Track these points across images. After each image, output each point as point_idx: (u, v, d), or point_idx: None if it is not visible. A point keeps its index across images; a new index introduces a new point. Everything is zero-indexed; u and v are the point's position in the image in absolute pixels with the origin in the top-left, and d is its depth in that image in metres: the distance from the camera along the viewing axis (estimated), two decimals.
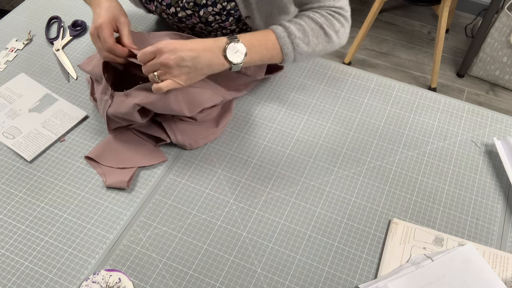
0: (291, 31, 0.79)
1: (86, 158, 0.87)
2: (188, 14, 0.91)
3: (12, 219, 0.80)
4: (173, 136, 0.86)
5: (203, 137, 0.89)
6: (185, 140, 0.87)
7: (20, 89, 0.99)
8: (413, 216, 0.82)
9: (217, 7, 0.89)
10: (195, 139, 0.88)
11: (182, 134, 0.87)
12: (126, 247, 0.77)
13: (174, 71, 0.73)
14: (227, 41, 0.76)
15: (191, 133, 0.88)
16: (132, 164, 0.86)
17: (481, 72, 2.14)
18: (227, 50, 0.75)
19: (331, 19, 0.83)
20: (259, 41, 0.78)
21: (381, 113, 0.96)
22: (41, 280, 0.74)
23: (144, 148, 0.88)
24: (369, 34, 2.38)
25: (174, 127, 0.87)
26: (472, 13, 2.45)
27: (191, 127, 0.88)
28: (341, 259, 0.77)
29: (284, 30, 0.80)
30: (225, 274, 0.75)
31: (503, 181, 0.86)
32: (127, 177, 0.83)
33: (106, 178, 0.84)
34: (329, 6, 0.83)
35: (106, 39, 0.80)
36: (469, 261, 0.75)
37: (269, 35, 0.80)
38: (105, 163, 0.86)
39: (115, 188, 0.84)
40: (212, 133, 0.90)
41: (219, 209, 0.82)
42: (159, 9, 0.94)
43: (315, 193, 0.84)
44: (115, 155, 0.87)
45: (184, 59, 0.73)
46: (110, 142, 0.88)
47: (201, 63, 0.74)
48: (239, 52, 0.76)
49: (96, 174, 0.86)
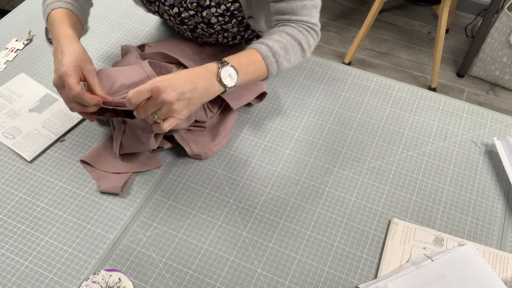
0: (275, 50, 0.80)
1: (81, 162, 0.87)
2: (191, 15, 0.91)
3: (12, 219, 0.80)
4: (188, 148, 0.86)
5: (215, 143, 0.88)
6: (200, 150, 0.87)
7: (20, 89, 0.99)
8: (413, 216, 0.82)
9: (220, 8, 0.88)
10: (209, 147, 0.88)
11: (195, 144, 0.87)
12: (126, 247, 0.77)
13: (176, 107, 0.69)
14: (218, 66, 0.74)
15: (204, 141, 0.88)
16: (127, 169, 0.85)
17: (481, 72, 2.14)
18: (221, 74, 0.73)
19: (307, 34, 0.84)
20: (247, 63, 0.78)
21: (381, 113, 0.96)
22: (41, 280, 0.74)
23: (139, 153, 0.88)
24: (369, 34, 2.38)
25: (187, 138, 0.86)
26: (472, 13, 2.45)
27: (203, 136, 0.88)
28: (341, 259, 0.77)
29: (268, 50, 0.79)
30: (225, 274, 0.75)
31: (503, 181, 0.87)
32: (121, 183, 0.83)
33: (100, 183, 0.84)
34: (305, 21, 0.84)
35: (72, 87, 0.73)
36: (469, 261, 0.75)
37: (255, 56, 0.79)
38: (100, 168, 0.85)
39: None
40: (223, 138, 0.89)
41: (219, 209, 0.82)
42: (161, 9, 0.94)
43: (315, 193, 0.84)
44: (110, 160, 0.86)
45: (184, 93, 0.69)
46: (105, 147, 0.88)
47: (199, 92, 0.72)
48: (231, 75, 0.75)
49: None
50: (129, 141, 0.84)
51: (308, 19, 0.84)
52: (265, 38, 0.81)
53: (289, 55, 0.82)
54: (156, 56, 0.94)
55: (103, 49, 1.07)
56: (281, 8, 0.83)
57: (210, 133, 0.90)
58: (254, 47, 0.80)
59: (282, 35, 0.82)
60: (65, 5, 0.85)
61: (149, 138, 0.82)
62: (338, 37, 2.37)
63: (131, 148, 0.85)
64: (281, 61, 0.81)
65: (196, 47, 1.04)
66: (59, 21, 0.81)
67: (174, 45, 1.03)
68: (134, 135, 0.83)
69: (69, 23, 0.82)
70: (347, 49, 2.30)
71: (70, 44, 0.78)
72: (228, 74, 0.74)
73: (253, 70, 0.78)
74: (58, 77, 0.74)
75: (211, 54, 1.02)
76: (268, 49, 0.79)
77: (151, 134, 0.81)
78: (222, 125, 0.90)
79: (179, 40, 1.05)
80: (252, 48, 0.80)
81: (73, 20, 0.84)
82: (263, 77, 0.82)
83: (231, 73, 0.74)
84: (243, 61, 0.77)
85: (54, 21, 0.82)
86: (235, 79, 0.75)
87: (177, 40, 1.05)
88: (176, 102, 0.69)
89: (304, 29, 0.84)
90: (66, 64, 0.74)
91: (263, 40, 0.81)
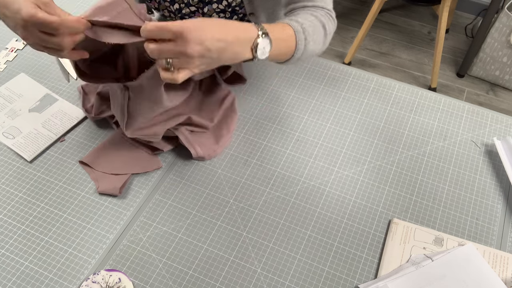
0: (305, 27, 0.74)
1: (80, 163, 0.87)
2: (192, 11, 0.90)
3: (12, 219, 0.80)
4: (193, 150, 0.85)
5: (219, 145, 0.88)
6: (204, 152, 0.86)
7: (20, 89, 0.99)
8: (413, 216, 0.82)
9: (222, 4, 0.88)
10: (213, 149, 0.87)
11: (200, 146, 0.86)
12: (126, 247, 0.77)
13: (196, 61, 0.61)
14: (258, 34, 0.66)
15: (208, 143, 0.88)
16: (126, 170, 0.85)
17: (481, 72, 2.14)
18: (258, 44, 0.66)
19: (328, 19, 0.80)
20: (282, 38, 0.72)
21: (381, 113, 0.96)
22: (41, 280, 0.74)
23: (138, 155, 0.87)
24: (369, 34, 2.38)
25: (191, 140, 0.86)
26: (472, 13, 2.45)
27: (207, 138, 0.88)
28: (341, 259, 0.77)
29: (299, 26, 0.74)
30: (225, 274, 0.75)
31: (503, 181, 0.86)
32: (120, 184, 0.83)
33: (99, 184, 0.83)
34: (322, 7, 0.80)
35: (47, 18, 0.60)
36: (469, 261, 0.75)
37: (287, 30, 0.73)
38: (99, 169, 0.85)
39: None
40: (226, 139, 0.89)
41: (219, 209, 0.82)
42: (162, 6, 0.93)
43: (315, 193, 0.84)
44: (109, 161, 0.86)
45: (210, 50, 0.61)
46: (105, 148, 0.88)
47: (227, 56, 0.64)
48: (265, 48, 0.68)
49: None
50: (137, 108, 0.76)
51: (324, 5, 0.80)
52: (292, 17, 0.75)
53: (316, 35, 0.77)
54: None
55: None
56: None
57: (214, 134, 0.89)
58: (284, 22, 0.74)
59: (307, 16, 0.76)
60: None
61: (161, 95, 0.73)
62: (338, 37, 2.37)
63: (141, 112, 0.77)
64: (309, 40, 0.75)
65: None
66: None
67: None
68: (140, 99, 0.74)
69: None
70: (347, 49, 2.30)
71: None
72: (263, 46, 0.67)
73: (284, 45, 0.73)
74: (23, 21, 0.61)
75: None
76: (298, 25, 0.74)
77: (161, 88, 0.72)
78: (225, 126, 0.90)
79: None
80: (285, 23, 0.74)
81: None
82: (288, 56, 0.76)
83: (266, 46, 0.68)
84: (278, 34, 0.70)
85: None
86: (267, 52, 0.68)
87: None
88: (198, 58, 0.61)
89: (324, 14, 0.79)
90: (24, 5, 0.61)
91: (290, 17, 0.75)
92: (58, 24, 0.61)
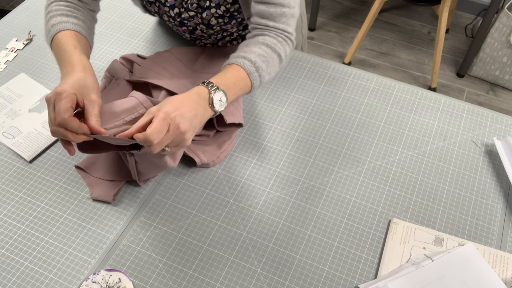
0: (258, 65, 0.78)
1: (76, 168, 0.86)
2: (191, 16, 0.91)
3: (12, 219, 0.81)
4: (197, 158, 0.85)
5: (222, 151, 0.88)
6: (208, 158, 0.86)
7: (20, 89, 0.99)
8: (413, 216, 0.82)
9: (220, 9, 0.88)
10: (216, 155, 0.87)
11: (204, 154, 0.86)
12: (126, 247, 0.77)
13: (187, 136, 0.68)
14: (209, 91, 0.72)
15: (211, 150, 0.87)
16: (121, 177, 0.84)
17: (481, 72, 2.14)
18: (213, 100, 0.72)
19: (285, 44, 0.83)
20: (234, 83, 0.76)
21: (381, 113, 0.96)
22: (41, 280, 0.74)
23: None
24: (369, 34, 2.38)
25: (194, 149, 0.86)
26: (472, 13, 2.45)
27: (209, 145, 0.88)
28: (341, 259, 0.77)
29: (252, 65, 0.78)
30: (225, 274, 0.75)
31: (503, 181, 0.87)
32: (114, 191, 0.82)
33: (93, 190, 0.83)
34: (282, 30, 0.82)
35: (61, 109, 0.66)
36: (469, 261, 0.75)
37: (240, 73, 0.77)
38: (95, 174, 0.84)
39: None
40: (229, 145, 0.89)
41: (219, 209, 0.82)
42: (161, 10, 0.93)
43: (315, 193, 0.84)
44: (105, 167, 0.85)
45: (191, 121, 0.68)
46: (101, 154, 0.87)
47: (199, 119, 0.71)
48: (221, 99, 0.73)
49: None
50: (146, 169, 0.81)
51: (285, 27, 0.82)
52: (246, 52, 0.79)
53: (269, 68, 0.81)
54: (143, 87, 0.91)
55: (103, 49, 1.07)
56: (260, 11, 0.81)
57: (215, 141, 0.89)
58: (237, 63, 0.78)
59: (262, 47, 0.80)
60: (74, 27, 0.79)
61: (165, 160, 0.79)
62: (338, 37, 2.37)
63: (151, 173, 0.83)
64: (264, 75, 0.80)
65: (189, 58, 1.01)
66: (70, 46, 0.75)
67: (166, 60, 0.98)
68: (147, 162, 0.79)
69: (81, 48, 0.76)
70: (347, 49, 2.30)
71: (83, 73, 0.72)
72: (219, 98, 0.73)
73: (239, 89, 0.77)
74: (54, 93, 0.68)
75: (204, 64, 0.99)
76: (251, 64, 0.78)
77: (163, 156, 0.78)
78: (226, 133, 0.90)
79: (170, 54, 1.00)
80: (235, 64, 0.78)
81: (84, 44, 0.78)
82: (246, 93, 0.81)
83: (221, 97, 0.73)
84: (230, 81, 0.76)
85: (64, 45, 0.75)
86: (224, 102, 0.74)
87: (168, 54, 1.00)
88: (187, 131, 0.68)
89: (282, 39, 0.82)
90: (68, 85, 0.68)
91: (244, 54, 0.79)
92: (62, 120, 0.66)
